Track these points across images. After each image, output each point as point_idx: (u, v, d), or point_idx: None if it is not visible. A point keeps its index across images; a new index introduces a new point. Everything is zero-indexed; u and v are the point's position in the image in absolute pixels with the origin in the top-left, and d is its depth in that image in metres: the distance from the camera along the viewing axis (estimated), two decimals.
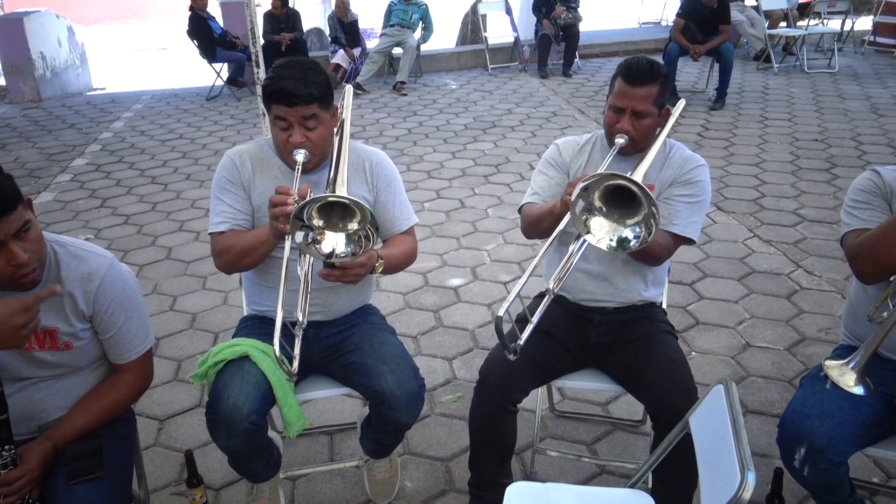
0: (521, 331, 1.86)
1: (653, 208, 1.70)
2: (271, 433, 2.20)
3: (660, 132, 2.12)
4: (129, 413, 1.98)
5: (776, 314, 3.53)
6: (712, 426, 1.60)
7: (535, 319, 1.87)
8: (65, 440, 1.74)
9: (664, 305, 2.36)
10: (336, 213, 1.74)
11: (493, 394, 2.08)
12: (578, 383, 2.27)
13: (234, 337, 2.17)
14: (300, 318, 1.89)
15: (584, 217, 1.80)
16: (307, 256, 1.88)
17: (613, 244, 1.79)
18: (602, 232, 1.80)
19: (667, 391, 1.99)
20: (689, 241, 2.15)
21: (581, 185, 1.75)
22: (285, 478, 2.49)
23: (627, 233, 1.78)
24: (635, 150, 2.10)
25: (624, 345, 2.17)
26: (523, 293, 1.83)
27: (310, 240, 1.74)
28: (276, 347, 1.74)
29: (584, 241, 1.85)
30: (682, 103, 2.28)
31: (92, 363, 1.84)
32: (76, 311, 1.73)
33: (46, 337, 1.72)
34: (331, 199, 1.70)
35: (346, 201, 1.70)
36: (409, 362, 2.10)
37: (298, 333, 1.88)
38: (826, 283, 3.80)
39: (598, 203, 1.79)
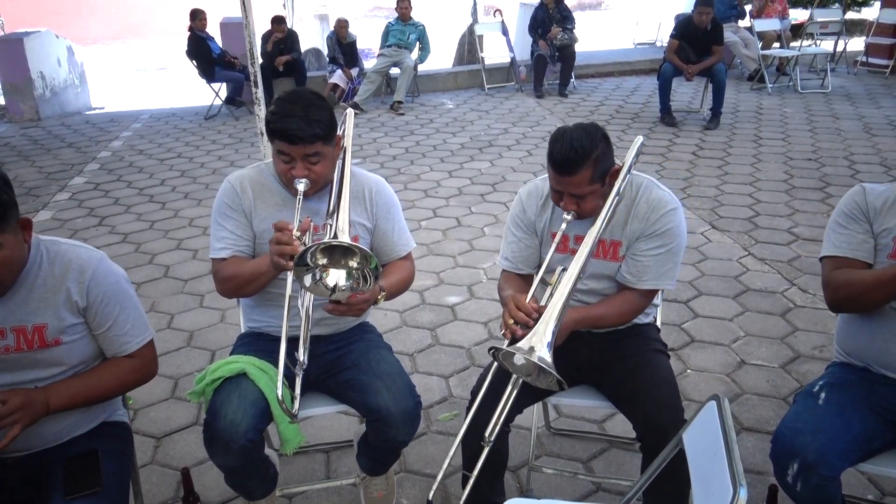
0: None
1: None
2: (268, 450, 2.21)
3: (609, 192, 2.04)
4: (125, 429, 1.99)
5: (770, 332, 3.55)
6: (705, 442, 1.61)
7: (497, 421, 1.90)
8: (56, 395, 1.72)
9: (658, 323, 2.38)
10: (338, 251, 1.78)
11: (484, 413, 2.08)
12: (573, 400, 2.28)
13: (231, 354, 2.19)
14: (301, 358, 1.90)
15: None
16: (308, 293, 1.91)
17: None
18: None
19: (653, 411, 1.98)
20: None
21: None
22: (282, 495, 2.49)
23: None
24: (589, 215, 2.04)
25: (616, 362, 2.17)
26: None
27: (317, 278, 1.78)
28: (279, 391, 1.77)
29: (519, 380, 1.88)
30: (639, 140, 2.15)
31: (85, 362, 1.83)
32: (69, 302, 1.74)
33: (35, 335, 1.72)
34: (333, 243, 1.74)
35: (348, 245, 1.74)
36: (406, 380, 2.11)
37: (299, 373, 1.89)
38: (820, 301, 3.82)
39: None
